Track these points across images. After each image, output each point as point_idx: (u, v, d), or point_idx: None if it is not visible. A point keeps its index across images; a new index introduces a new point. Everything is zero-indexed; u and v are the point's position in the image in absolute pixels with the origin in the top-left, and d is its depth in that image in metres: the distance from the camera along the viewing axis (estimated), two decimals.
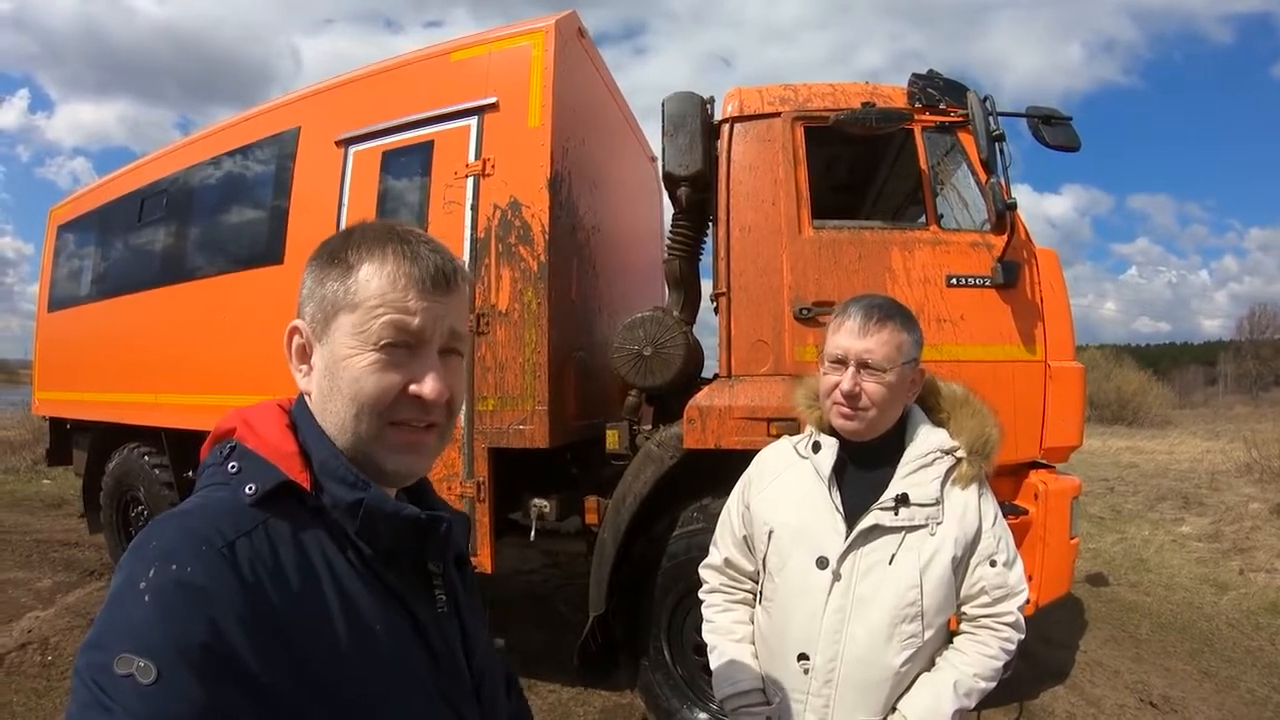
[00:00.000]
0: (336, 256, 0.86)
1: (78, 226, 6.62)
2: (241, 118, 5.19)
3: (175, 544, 0.70)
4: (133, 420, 5.45)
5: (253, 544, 0.73)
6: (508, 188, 3.66)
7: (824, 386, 1.59)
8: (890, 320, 1.54)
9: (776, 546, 1.60)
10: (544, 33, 3.72)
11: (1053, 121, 3.34)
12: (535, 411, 3.53)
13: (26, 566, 6.36)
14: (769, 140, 3.45)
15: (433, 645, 0.86)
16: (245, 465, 0.81)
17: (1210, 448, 14.37)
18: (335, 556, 0.80)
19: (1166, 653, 4.78)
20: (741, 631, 1.70)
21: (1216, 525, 8.06)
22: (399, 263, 0.84)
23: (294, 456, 0.82)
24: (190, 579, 0.67)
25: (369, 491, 0.82)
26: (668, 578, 3.39)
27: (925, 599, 1.48)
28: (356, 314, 0.82)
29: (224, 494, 0.79)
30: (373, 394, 0.82)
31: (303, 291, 0.88)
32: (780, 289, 3.32)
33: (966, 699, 1.48)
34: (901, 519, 1.50)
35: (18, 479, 11.09)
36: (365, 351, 0.82)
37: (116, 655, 0.63)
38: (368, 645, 0.77)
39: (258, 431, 0.84)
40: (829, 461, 1.57)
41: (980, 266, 3.28)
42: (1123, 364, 26.79)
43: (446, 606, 0.91)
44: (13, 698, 3.82)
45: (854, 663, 1.49)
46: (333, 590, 0.77)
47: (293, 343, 0.89)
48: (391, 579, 0.84)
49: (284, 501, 0.79)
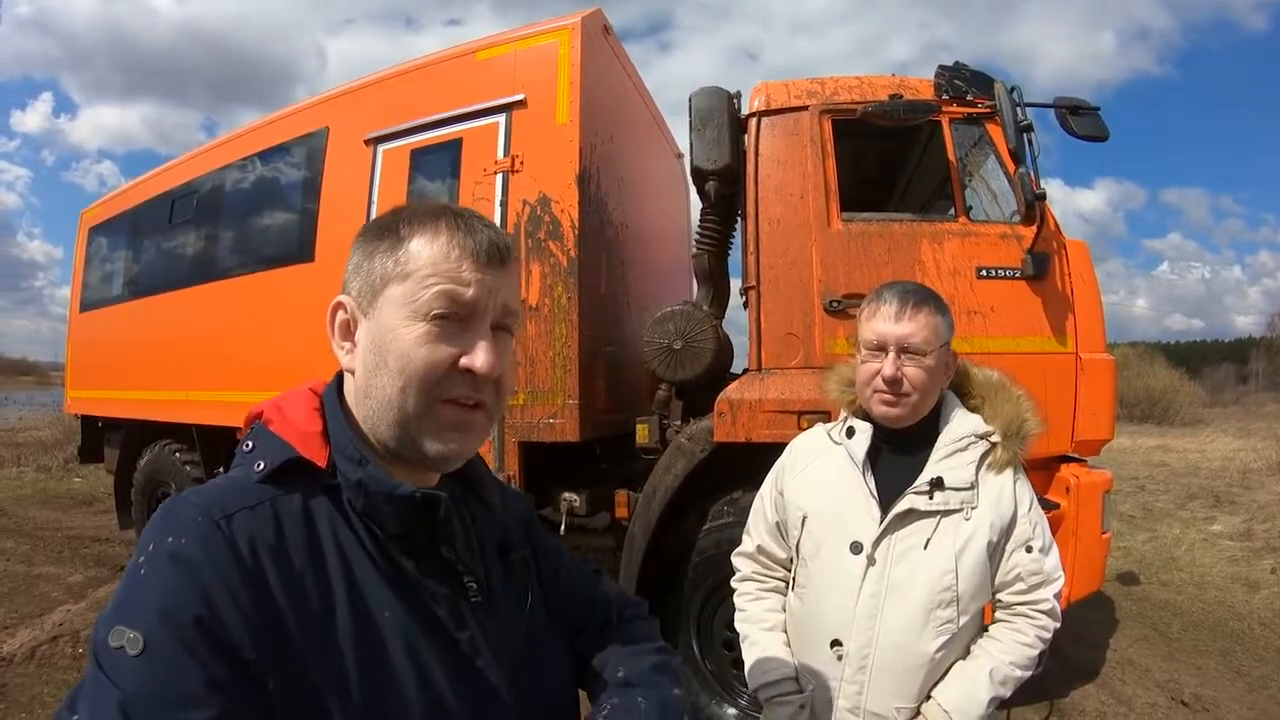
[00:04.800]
0: (386, 230, 0.83)
1: (108, 228, 6.73)
2: (270, 119, 5.26)
3: (176, 519, 0.70)
4: (164, 417, 5.53)
5: (255, 518, 0.72)
6: (536, 184, 3.69)
7: (863, 375, 1.57)
8: (926, 304, 1.54)
9: (810, 532, 1.59)
10: (570, 30, 3.74)
11: (1080, 111, 3.31)
12: (565, 405, 3.54)
13: (58, 562, 6.49)
14: (796, 134, 3.45)
15: (454, 636, 0.81)
16: (259, 444, 0.80)
17: (1241, 446, 14.15)
18: (347, 538, 0.77)
19: (1198, 651, 4.71)
20: (773, 620, 1.69)
21: (1248, 524, 7.95)
22: (452, 234, 0.81)
23: (315, 436, 0.81)
24: (183, 550, 0.67)
25: (366, 469, 0.79)
26: (697, 572, 3.39)
27: (960, 584, 1.46)
28: (407, 284, 0.79)
29: (237, 472, 0.79)
30: (421, 366, 0.78)
31: (348, 268, 0.85)
32: (810, 282, 3.31)
33: (1003, 687, 1.47)
34: (936, 503, 1.49)
35: (50, 477, 11.30)
36: (416, 322, 0.78)
37: (112, 627, 0.64)
38: (371, 630, 0.75)
39: (284, 413, 0.83)
40: (863, 446, 1.57)
41: (1010, 258, 3.26)
42: (1154, 362, 26.37)
43: (481, 596, 0.86)
44: (44, 689, 3.89)
45: (888, 649, 1.47)
46: (339, 571, 0.75)
47: (336, 318, 0.85)
48: (406, 564, 0.80)
49: (296, 479, 0.78)
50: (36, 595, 5.48)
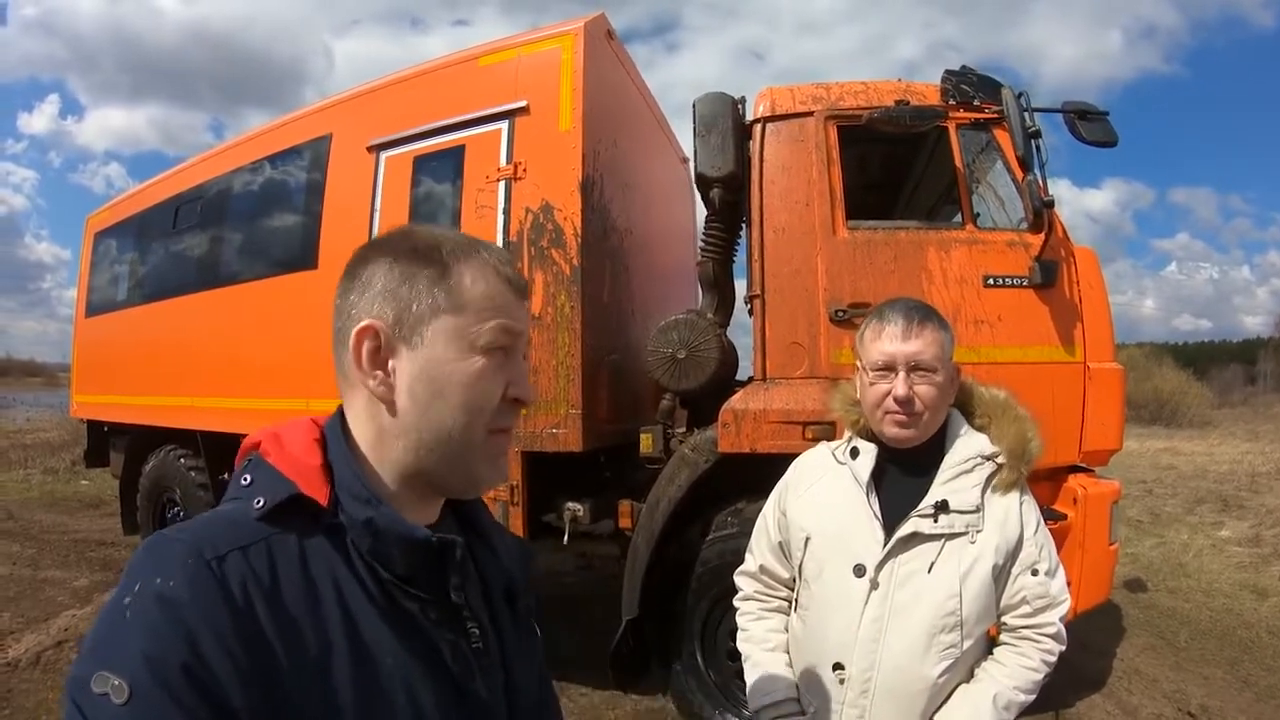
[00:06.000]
0: (427, 257, 0.80)
1: (114, 233, 6.76)
2: (273, 125, 5.28)
3: (166, 557, 0.67)
4: (169, 423, 5.55)
5: (249, 560, 0.68)
6: (539, 191, 3.67)
7: (872, 397, 1.53)
8: (930, 320, 1.51)
9: (813, 553, 1.57)
10: (573, 35, 3.72)
11: (1089, 116, 3.28)
12: (568, 415, 3.53)
13: (64, 566, 6.50)
14: (802, 140, 3.42)
15: (459, 683, 0.79)
16: (258, 477, 0.77)
17: (1250, 448, 14.09)
18: (347, 579, 0.74)
19: (1205, 661, 4.67)
20: (776, 640, 1.67)
21: (1257, 529, 7.88)
22: (497, 267, 0.82)
23: (316, 471, 0.77)
24: (171, 593, 0.64)
25: (379, 510, 0.76)
26: (701, 583, 3.37)
27: (965, 608, 1.44)
28: (463, 317, 0.79)
29: (231, 507, 0.75)
30: (485, 400, 0.80)
31: (372, 288, 0.80)
32: (815, 290, 3.29)
33: (1006, 712, 1.44)
34: (941, 526, 1.46)
35: (56, 479, 11.34)
36: (473, 356, 0.79)
37: (95, 672, 0.61)
38: (370, 677, 0.72)
39: (284, 445, 0.80)
40: (868, 467, 1.54)
41: (1018, 266, 3.23)
42: (1161, 363, 26.23)
43: (482, 643, 0.84)
44: (49, 695, 3.88)
45: (890, 672, 1.45)
46: (337, 616, 0.72)
47: (364, 345, 0.79)
48: (411, 607, 0.78)
49: (296, 517, 0.74)
50: (42, 599, 5.48)
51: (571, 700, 3.94)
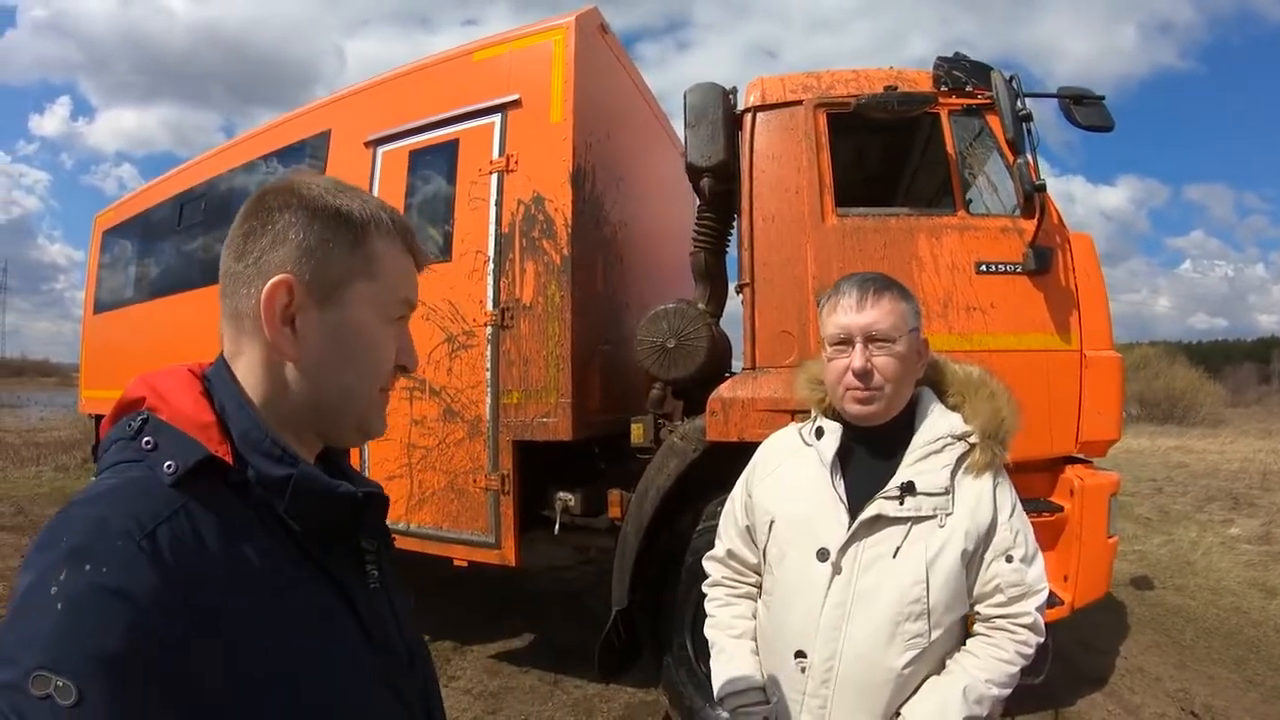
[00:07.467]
0: (348, 219, 0.80)
1: (121, 231, 6.89)
2: (274, 123, 5.34)
3: (88, 539, 0.62)
4: None
5: (174, 530, 0.65)
6: (531, 183, 3.68)
7: (832, 373, 1.49)
8: (887, 290, 1.47)
9: (776, 537, 1.52)
10: (564, 29, 3.73)
11: (1084, 101, 3.24)
12: (559, 404, 3.53)
13: None
14: (791, 128, 3.40)
15: (367, 624, 0.81)
16: (161, 440, 0.72)
17: (1262, 447, 13.93)
18: (262, 536, 0.73)
19: (1210, 659, 4.59)
20: (742, 627, 1.62)
21: (1267, 527, 7.79)
22: (407, 240, 0.86)
23: (211, 428, 0.74)
24: (106, 581, 0.59)
25: (298, 467, 0.76)
26: (691, 573, 3.33)
27: (931, 596, 1.37)
28: (377, 285, 0.82)
29: (138, 473, 0.70)
30: (384, 364, 0.85)
31: (287, 242, 0.79)
32: (804, 279, 3.27)
33: (978, 706, 1.37)
34: (907, 509, 1.40)
35: (67, 476, 11.43)
36: (384, 324, 0.84)
37: (32, 673, 0.55)
38: (303, 628, 0.72)
39: (170, 400, 0.76)
40: (832, 447, 1.49)
41: (1011, 252, 3.19)
42: (1174, 361, 25.92)
43: (378, 583, 0.87)
44: None
45: (853, 661, 1.39)
46: (262, 573, 0.70)
47: (277, 300, 0.78)
48: (323, 557, 0.78)
49: (205, 479, 0.71)
50: None
51: (566, 692, 3.94)
